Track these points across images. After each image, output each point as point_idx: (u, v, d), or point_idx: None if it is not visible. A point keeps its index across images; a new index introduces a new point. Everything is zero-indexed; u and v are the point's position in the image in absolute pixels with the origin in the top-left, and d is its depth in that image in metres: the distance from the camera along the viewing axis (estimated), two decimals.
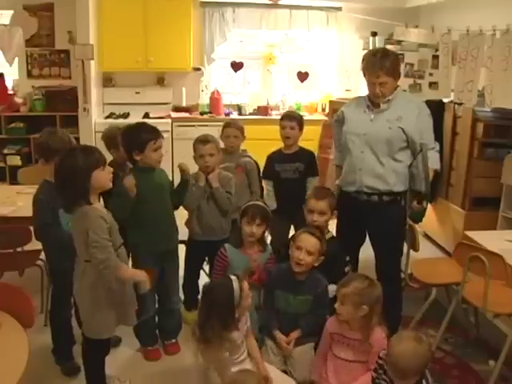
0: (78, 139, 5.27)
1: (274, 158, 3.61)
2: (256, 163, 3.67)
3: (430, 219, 4.81)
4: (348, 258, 2.93)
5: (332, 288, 2.70)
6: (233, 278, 2.40)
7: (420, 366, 2.06)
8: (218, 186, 3.17)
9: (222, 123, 3.92)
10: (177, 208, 3.10)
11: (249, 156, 3.65)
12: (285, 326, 2.70)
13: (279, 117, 6.17)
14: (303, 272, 2.67)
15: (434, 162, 3.02)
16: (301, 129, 3.54)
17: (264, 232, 2.88)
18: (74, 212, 2.29)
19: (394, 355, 2.07)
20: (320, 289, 2.68)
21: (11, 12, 5.49)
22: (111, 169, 2.38)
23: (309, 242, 2.65)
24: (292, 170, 3.51)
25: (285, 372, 2.65)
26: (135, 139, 2.81)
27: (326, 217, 2.89)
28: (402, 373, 2.06)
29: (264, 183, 3.66)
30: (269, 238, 3.68)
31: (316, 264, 2.68)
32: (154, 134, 2.82)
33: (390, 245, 3.08)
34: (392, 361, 2.08)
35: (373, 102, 2.95)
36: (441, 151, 4.65)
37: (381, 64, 2.83)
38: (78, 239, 2.32)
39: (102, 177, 2.31)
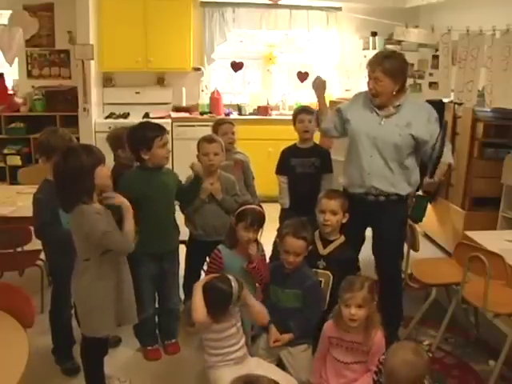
0: (78, 139, 5.24)
1: (289, 153, 3.59)
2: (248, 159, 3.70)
3: (430, 219, 4.80)
4: (359, 273, 2.89)
5: None
6: (231, 277, 2.43)
7: (415, 378, 1.96)
8: (222, 196, 3.17)
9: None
10: (184, 208, 3.14)
11: (241, 152, 3.67)
12: (277, 322, 2.69)
13: (279, 117, 6.19)
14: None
15: (448, 156, 3.00)
16: (317, 123, 3.53)
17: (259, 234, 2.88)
18: (72, 211, 2.30)
19: (389, 366, 2.00)
20: (308, 283, 2.68)
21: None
22: (109, 167, 2.40)
23: (295, 245, 2.65)
24: (308, 165, 3.48)
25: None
26: (141, 138, 2.82)
27: (337, 216, 2.85)
28: (389, 375, 2.00)
29: (278, 179, 3.63)
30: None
31: (305, 254, 2.70)
32: (159, 130, 2.84)
33: (394, 244, 3.09)
34: (387, 371, 2.02)
35: (378, 105, 2.95)
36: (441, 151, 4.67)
37: (381, 61, 2.86)
38: (77, 238, 2.34)
39: (104, 174, 2.33)
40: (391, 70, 2.85)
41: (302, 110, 3.59)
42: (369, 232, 3.17)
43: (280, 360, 2.70)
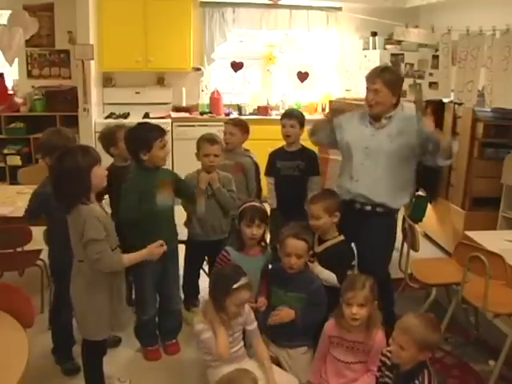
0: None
1: (275, 155, 3.63)
2: (256, 164, 3.68)
3: (430, 219, 4.81)
4: (354, 263, 2.89)
5: (328, 276, 2.77)
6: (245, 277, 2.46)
7: (417, 338, 2.10)
8: (219, 186, 3.18)
9: (222, 123, 3.91)
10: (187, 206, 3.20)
11: (250, 156, 3.65)
12: (280, 324, 2.68)
13: (279, 117, 6.21)
14: None
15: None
16: (301, 126, 3.55)
17: (264, 232, 2.88)
18: (71, 212, 2.29)
19: (404, 317, 2.20)
20: (313, 287, 2.68)
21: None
22: (105, 167, 2.40)
23: (296, 246, 2.64)
24: (293, 168, 3.52)
25: None
26: (142, 139, 2.81)
27: (323, 220, 2.86)
28: (401, 329, 2.15)
29: (267, 180, 3.66)
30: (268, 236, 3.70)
31: (306, 260, 2.71)
32: (160, 132, 2.84)
33: (377, 256, 3.02)
34: (401, 320, 2.20)
35: (374, 117, 2.98)
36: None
37: (380, 73, 2.94)
38: (72, 238, 2.33)
39: (100, 174, 2.32)
40: (390, 82, 2.92)
41: (285, 115, 3.62)
42: None
43: (279, 364, 2.67)
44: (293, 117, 3.54)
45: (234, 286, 2.38)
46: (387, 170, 2.94)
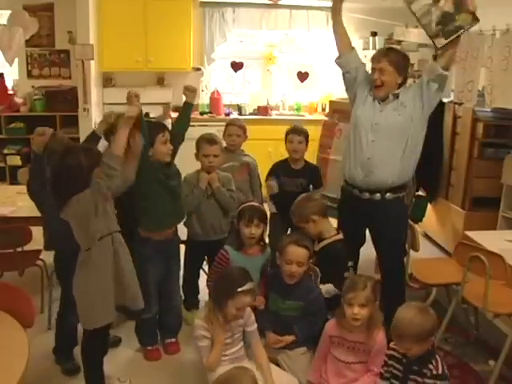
0: (78, 139, 5.26)
1: (279, 170, 3.61)
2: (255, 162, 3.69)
3: (430, 219, 4.81)
4: (351, 264, 2.89)
5: (327, 288, 2.75)
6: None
7: (416, 333, 2.11)
8: (219, 185, 3.18)
9: (222, 123, 3.91)
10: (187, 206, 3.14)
11: (248, 155, 3.66)
12: (278, 329, 2.70)
13: (280, 117, 6.20)
14: None
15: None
16: (307, 143, 3.56)
17: (263, 232, 2.89)
18: (65, 207, 2.26)
19: (395, 319, 2.18)
20: (312, 296, 2.68)
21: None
22: None
23: (297, 254, 2.64)
24: (296, 185, 3.52)
25: None
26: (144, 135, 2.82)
27: (309, 225, 2.89)
28: (398, 336, 2.16)
29: (267, 184, 3.65)
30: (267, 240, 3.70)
31: (305, 268, 2.70)
32: (161, 127, 2.88)
33: (394, 243, 3.09)
34: (393, 324, 2.18)
35: (380, 98, 2.95)
36: (441, 151, 4.67)
37: (386, 53, 2.95)
38: (76, 228, 2.32)
39: (101, 175, 2.31)
40: (396, 61, 2.92)
41: (292, 131, 3.59)
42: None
43: (277, 364, 2.67)
44: (301, 133, 3.53)
45: (239, 289, 2.39)
46: (398, 146, 2.90)
